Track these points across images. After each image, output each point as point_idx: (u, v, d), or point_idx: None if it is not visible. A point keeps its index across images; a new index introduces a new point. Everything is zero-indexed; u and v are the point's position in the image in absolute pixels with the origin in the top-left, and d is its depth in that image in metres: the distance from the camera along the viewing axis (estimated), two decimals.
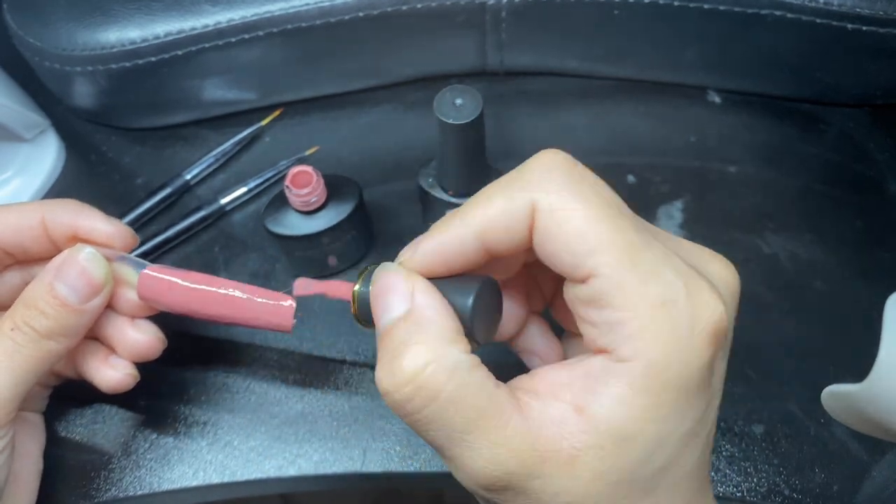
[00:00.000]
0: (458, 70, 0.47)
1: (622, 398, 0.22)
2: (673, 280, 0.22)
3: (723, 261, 0.25)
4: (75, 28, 0.41)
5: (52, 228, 0.32)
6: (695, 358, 0.22)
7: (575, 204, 0.22)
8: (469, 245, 0.24)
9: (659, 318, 0.22)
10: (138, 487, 0.36)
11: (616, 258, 0.22)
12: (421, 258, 0.25)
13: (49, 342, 0.30)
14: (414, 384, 0.23)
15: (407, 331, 0.24)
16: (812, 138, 0.45)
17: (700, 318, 0.22)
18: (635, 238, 0.22)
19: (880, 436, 0.34)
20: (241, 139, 0.45)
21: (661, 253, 0.22)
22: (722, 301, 0.22)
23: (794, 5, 0.40)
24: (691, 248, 0.25)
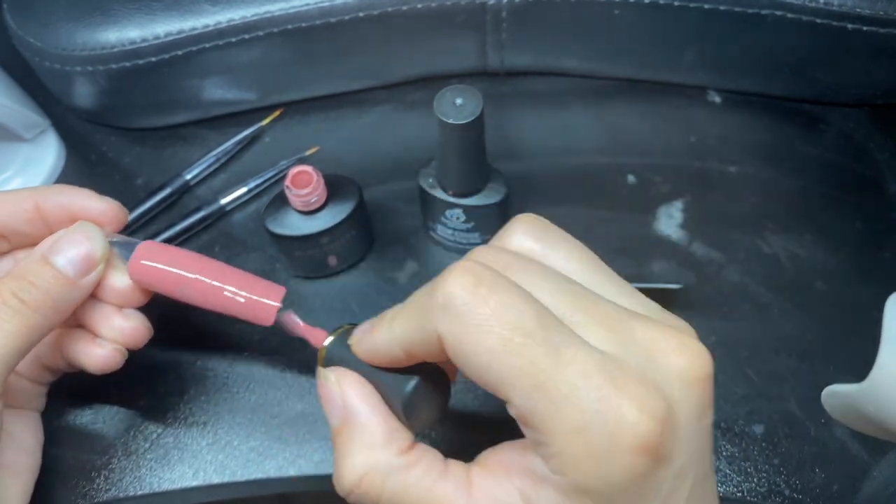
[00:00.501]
0: (458, 70, 0.47)
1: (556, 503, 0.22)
2: (587, 406, 0.21)
3: (680, 349, 0.23)
4: (75, 28, 0.41)
5: (46, 211, 0.33)
6: (620, 476, 0.21)
7: (476, 336, 0.22)
8: (398, 353, 0.25)
9: (575, 443, 0.21)
10: (138, 487, 0.36)
11: (525, 389, 0.22)
12: (366, 350, 0.27)
13: (36, 315, 0.29)
14: (357, 493, 0.25)
15: (342, 442, 0.26)
16: (812, 138, 0.45)
17: (618, 440, 0.21)
18: (544, 364, 0.21)
19: (880, 436, 0.34)
20: (241, 139, 0.45)
21: (576, 373, 0.21)
22: (650, 415, 0.21)
23: (795, 5, 0.39)
24: (646, 336, 0.23)
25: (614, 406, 0.21)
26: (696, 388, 0.23)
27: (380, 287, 0.40)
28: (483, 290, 0.22)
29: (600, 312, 0.23)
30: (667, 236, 0.41)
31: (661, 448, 0.22)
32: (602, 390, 0.21)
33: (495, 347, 0.22)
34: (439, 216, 0.39)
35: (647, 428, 0.21)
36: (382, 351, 0.26)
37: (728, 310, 0.39)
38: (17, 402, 0.34)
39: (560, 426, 0.21)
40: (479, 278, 0.23)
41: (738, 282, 0.40)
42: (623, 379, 0.22)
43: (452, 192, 0.38)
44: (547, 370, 0.22)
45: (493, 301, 0.22)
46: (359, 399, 0.26)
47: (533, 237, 0.26)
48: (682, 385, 0.23)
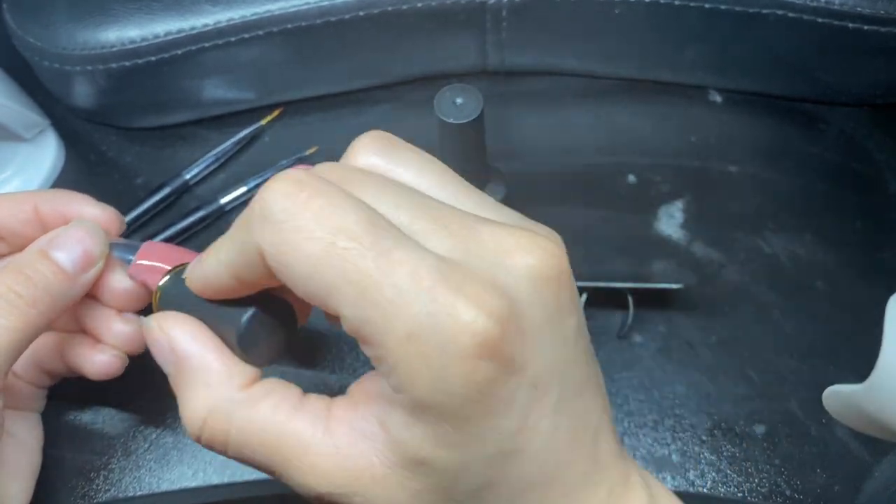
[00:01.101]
0: (458, 70, 0.47)
1: (406, 424, 0.21)
2: (417, 309, 0.19)
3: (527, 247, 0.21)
4: (75, 27, 0.41)
5: (44, 215, 0.32)
6: (460, 385, 0.20)
7: (296, 244, 0.20)
8: (228, 280, 0.24)
9: (408, 353, 0.20)
10: (138, 488, 0.35)
11: (353, 296, 0.20)
12: (197, 281, 0.25)
13: (32, 310, 0.29)
14: (204, 437, 0.24)
15: (180, 388, 0.25)
16: (812, 138, 0.45)
17: (456, 341, 0.19)
18: (372, 268, 0.20)
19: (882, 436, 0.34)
20: (241, 139, 0.45)
21: (405, 277, 0.20)
22: (487, 313, 0.19)
23: (796, 5, 0.39)
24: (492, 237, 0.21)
25: (447, 306, 0.19)
26: (548, 288, 0.21)
27: None
28: (304, 195, 0.20)
29: (444, 218, 0.22)
30: (667, 236, 0.41)
31: (505, 351, 0.20)
32: (434, 291, 0.19)
33: (317, 253, 0.20)
34: None
35: (484, 327, 0.19)
36: (213, 280, 0.24)
37: (728, 310, 0.39)
38: (17, 403, 0.34)
39: (391, 335, 0.20)
40: (300, 184, 0.21)
41: (739, 282, 0.40)
42: (458, 279, 0.20)
43: None
44: (373, 274, 0.20)
45: (314, 205, 0.20)
46: (188, 340, 0.25)
47: (379, 153, 0.24)
48: (532, 285, 0.21)
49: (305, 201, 0.20)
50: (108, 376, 0.32)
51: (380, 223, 0.20)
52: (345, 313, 0.20)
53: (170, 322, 0.25)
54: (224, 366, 0.24)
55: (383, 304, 0.20)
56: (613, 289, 0.38)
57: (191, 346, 0.25)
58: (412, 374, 0.20)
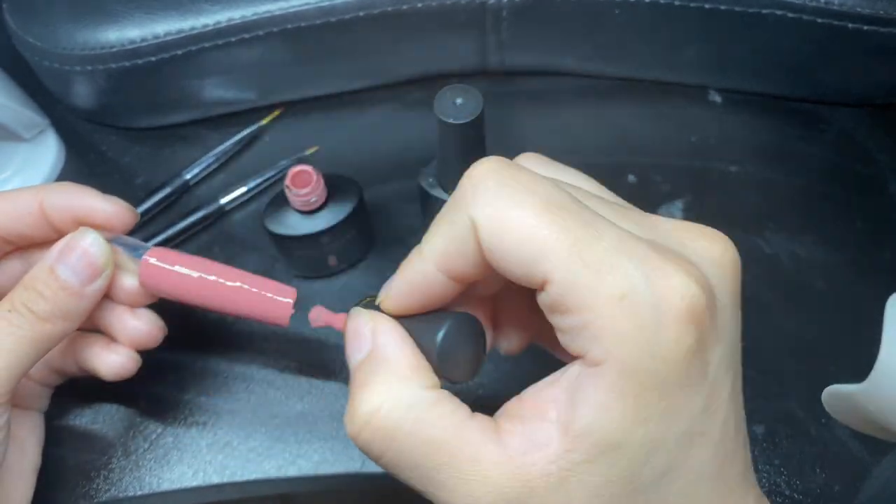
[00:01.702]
0: (458, 70, 0.47)
1: (602, 405, 0.20)
2: (630, 270, 0.20)
3: (711, 236, 0.23)
4: (75, 28, 0.41)
5: (50, 212, 0.32)
6: (670, 349, 0.20)
7: (510, 212, 0.21)
8: (433, 277, 0.24)
9: (620, 314, 0.20)
10: (138, 487, 0.35)
11: (563, 259, 0.20)
12: (394, 297, 0.25)
13: (46, 325, 0.29)
14: (370, 427, 0.23)
15: (365, 372, 0.24)
16: (812, 138, 0.45)
17: (669, 303, 0.20)
18: (582, 233, 0.20)
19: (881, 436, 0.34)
20: (241, 139, 0.45)
21: (614, 242, 0.21)
22: (695, 280, 0.20)
23: (795, 5, 0.39)
24: (672, 227, 0.23)
25: (659, 269, 0.20)
26: (731, 274, 0.22)
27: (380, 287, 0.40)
28: (511, 171, 0.22)
29: (625, 210, 0.23)
30: None
31: (707, 320, 0.20)
32: (645, 255, 0.20)
33: (529, 219, 0.21)
34: None
35: (694, 292, 0.20)
36: (416, 282, 0.24)
37: None
38: (23, 402, 0.34)
39: (602, 295, 0.20)
40: (505, 163, 0.22)
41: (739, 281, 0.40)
42: (665, 251, 0.21)
43: (452, 191, 0.38)
44: (585, 238, 0.20)
45: (524, 177, 0.22)
46: (390, 336, 0.24)
47: (542, 166, 0.25)
48: (717, 269, 0.22)
49: (515, 174, 0.22)
50: (121, 377, 0.33)
51: (578, 201, 0.22)
52: (554, 277, 0.20)
53: (381, 318, 0.25)
54: (416, 364, 0.24)
55: (595, 264, 0.20)
56: None
57: (391, 340, 0.24)
58: (622, 336, 0.20)
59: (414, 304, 0.25)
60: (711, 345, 0.21)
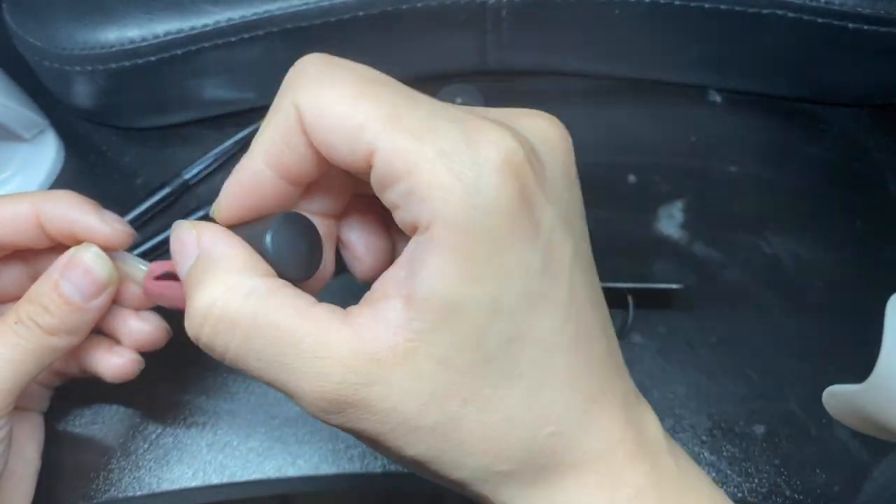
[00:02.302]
0: (458, 69, 0.47)
1: (436, 269, 0.20)
2: (448, 127, 0.21)
3: (540, 115, 0.24)
4: (75, 27, 0.41)
5: (46, 222, 0.31)
6: (492, 200, 0.20)
7: (331, 89, 0.22)
8: (264, 176, 0.23)
9: (440, 171, 0.20)
10: (138, 488, 0.35)
11: (383, 126, 0.21)
12: (226, 204, 0.24)
13: (52, 338, 0.29)
14: (210, 321, 0.22)
15: (196, 274, 0.23)
16: (813, 138, 0.45)
17: (486, 156, 0.20)
18: (400, 101, 0.21)
19: (882, 436, 0.34)
20: (241, 139, 0.45)
21: (432, 108, 0.21)
22: (512, 135, 0.21)
23: (795, 4, 0.39)
24: (501, 111, 0.24)
25: (475, 126, 0.21)
26: (559, 148, 0.23)
27: None
28: (332, 58, 0.23)
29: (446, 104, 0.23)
30: (667, 236, 0.41)
31: (529, 173, 0.21)
32: (461, 118, 0.21)
33: (349, 92, 0.21)
34: None
35: (510, 145, 0.21)
36: (249, 186, 0.24)
37: (728, 310, 0.39)
38: (23, 403, 0.34)
39: (423, 155, 0.20)
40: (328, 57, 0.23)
41: (739, 282, 0.40)
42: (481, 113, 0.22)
43: None
44: (404, 105, 0.21)
45: (341, 62, 0.23)
46: (217, 236, 0.24)
47: None
48: (545, 144, 0.23)
49: (334, 60, 0.23)
50: (124, 379, 0.32)
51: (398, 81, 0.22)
52: (377, 146, 0.21)
53: (204, 224, 0.24)
54: (249, 256, 0.23)
55: (415, 128, 0.21)
56: (613, 289, 0.38)
57: (218, 239, 0.24)
58: (445, 192, 0.20)
59: (247, 209, 0.24)
60: (539, 203, 0.21)
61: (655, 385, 0.37)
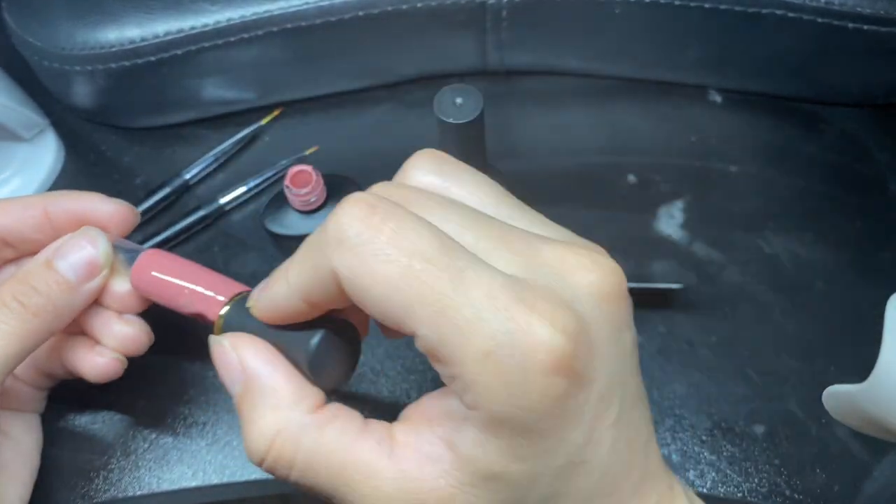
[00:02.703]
0: (458, 70, 0.47)
1: (479, 442, 0.21)
2: (496, 328, 0.20)
3: (590, 265, 0.22)
4: (74, 27, 0.41)
5: (54, 217, 0.32)
6: (538, 401, 0.20)
7: (373, 266, 0.21)
8: (298, 303, 0.24)
9: (486, 370, 0.20)
10: (137, 488, 0.35)
11: (429, 319, 0.20)
12: (264, 307, 0.25)
13: (36, 320, 0.29)
14: (268, 460, 0.24)
15: (246, 408, 0.24)
16: (813, 138, 0.45)
17: (533, 359, 0.20)
18: (448, 289, 0.20)
19: (882, 436, 0.34)
20: (241, 139, 0.45)
21: (482, 296, 0.20)
22: (562, 330, 0.20)
23: (795, 4, 0.39)
24: (553, 255, 0.22)
25: (523, 324, 0.20)
26: (610, 305, 0.22)
27: None
28: (377, 219, 0.21)
29: (507, 237, 0.22)
30: (667, 236, 0.41)
31: (578, 366, 0.21)
32: (510, 310, 0.20)
33: (393, 276, 0.20)
34: None
35: (559, 344, 0.20)
36: (282, 305, 0.24)
37: (728, 310, 0.39)
38: (17, 404, 0.34)
39: (469, 353, 0.20)
40: (373, 207, 0.21)
41: (739, 282, 0.40)
42: (531, 297, 0.21)
43: None
44: (450, 294, 0.20)
45: (387, 229, 0.21)
46: (259, 360, 0.25)
47: (434, 172, 0.25)
48: (595, 302, 0.22)
49: (379, 224, 0.21)
50: (106, 378, 0.32)
51: (450, 244, 0.21)
52: (421, 333, 0.21)
53: (242, 342, 0.25)
54: (294, 388, 0.24)
55: (461, 324, 0.20)
56: None
57: (262, 366, 0.25)
58: (490, 391, 0.20)
59: (283, 318, 0.25)
60: (585, 387, 0.21)
61: (655, 385, 0.37)
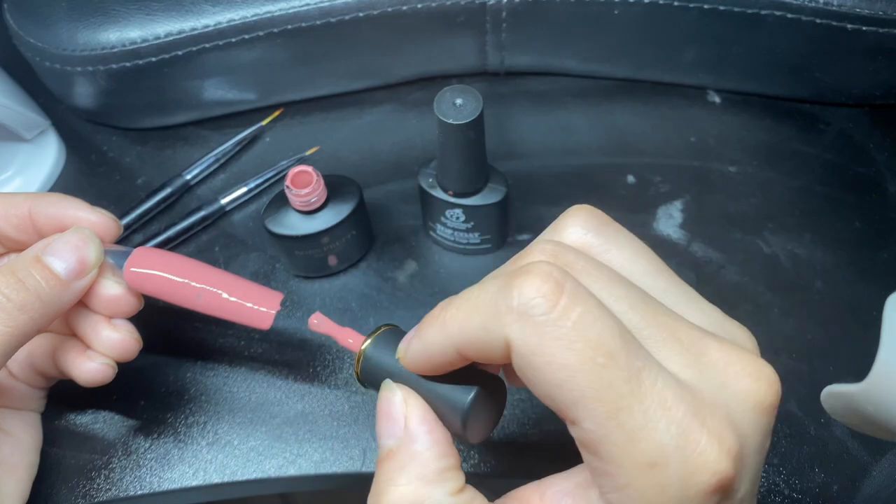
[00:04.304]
0: (458, 70, 0.47)
1: None
2: (664, 441, 0.20)
3: (757, 374, 0.22)
4: (75, 28, 0.41)
5: (38, 219, 0.32)
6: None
7: (556, 349, 0.20)
8: (453, 357, 0.23)
9: (646, 480, 0.20)
10: (138, 487, 0.36)
11: (600, 414, 0.20)
12: (413, 357, 0.24)
13: (22, 315, 0.28)
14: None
15: (391, 467, 0.24)
16: (812, 138, 0.45)
17: (695, 479, 0.20)
18: (625, 390, 0.20)
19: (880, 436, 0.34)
20: (242, 139, 0.45)
21: (654, 404, 0.20)
22: (727, 453, 0.20)
23: (794, 5, 0.40)
24: (720, 356, 0.22)
25: (694, 442, 0.20)
26: (765, 417, 0.22)
27: (380, 287, 0.40)
28: (564, 299, 0.20)
29: (673, 328, 0.22)
30: (667, 236, 0.41)
31: (735, 485, 0.21)
32: (682, 424, 0.20)
33: (574, 365, 0.20)
34: (439, 216, 0.39)
35: (725, 468, 0.20)
36: (435, 354, 0.23)
37: (728, 310, 0.39)
38: (15, 403, 0.34)
39: (633, 458, 0.20)
40: (560, 285, 0.20)
41: (738, 282, 0.40)
42: (703, 412, 0.20)
43: (452, 192, 0.38)
44: (626, 396, 0.20)
45: (575, 314, 0.20)
46: (424, 426, 0.24)
47: (593, 231, 0.24)
48: (754, 413, 0.22)
49: (566, 307, 0.20)
50: (97, 384, 0.32)
51: (630, 339, 0.20)
52: (587, 426, 0.20)
53: (414, 401, 0.25)
54: (444, 467, 0.24)
55: (631, 429, 0.20)
56: None
57: (424, 434, 0.24)
58: (644, 499, 0.20)
59: (427, 369, 0.25)
60: (733, 496, 0.21)
61: None
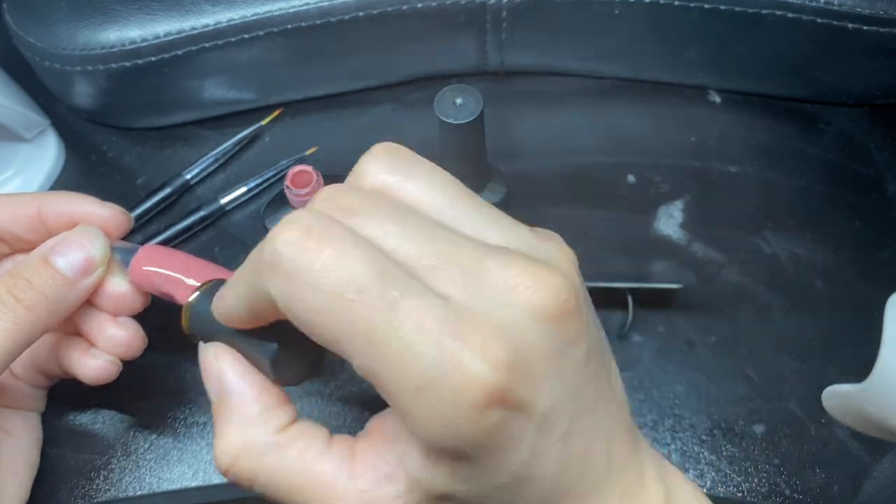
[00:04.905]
0: (458, 70, 0.47)
1: (423, 466, 0.22)
2: (425, 363, 0.20)
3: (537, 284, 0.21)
4: (75, 28, 0.41)
5: (47, 217, 0.32)
6: (470, 433, 0.20)
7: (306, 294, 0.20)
8: (247, 316, 0.24)
9: (418, 404, 0.20)
10: (138, 487, 0.36)
11: (361, 348, 0.20)
12: (220, 315, 0.25)
13: (30, 315, 0.29)
14: (231, 472, 0.24)
15: (219, 421, 0.25)
16: (812, 138, 0.45)
17: (464, 395, 0.20)
18: (378, 319, 0.20)
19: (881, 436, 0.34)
20: (241, 139, 0.45)
21: (411, 330, 0.20)
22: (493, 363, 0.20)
23: (795, 5, 0.39)
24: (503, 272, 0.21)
25: (455, 359, 0.20)
26: (552, 325, 0.21)
27: None
28: (312, 243, 0.20)
29: (452, 252, 0.21)
30: (667, 236, 0.41)
31: (512, 396, 0.20)
32: (441, 344, 0.20)
33: (325, 306, 0.20)
34: None
35: (490, 379, 0.20)
36: (234, 314, 0.24)
37: (728, 310, 0.39)
38: (16, 402, 0.34)
39: (400, 385, 0.20)
40: (309, 230, 0.21)
41: (738, 282, 0.40)
42: (465, 328, 0.20)
43: None
44: (381, 326, 0.20)
45: (323, 255, 0.20)
46: (235, 375, 0.25)
47: (388, 170, 0.24)
48: (536, 324, 0.21)
49: (314, 250, 0.20)
50: (101, 381, 0.32)
51: (387, 270, 0.20)
52: (357, 363, 0.21)
53: (224, 355, 0.26)
54: (263, 407, 0.25)
55: (391, 357, 0.20)
56: (613, 289, 0.38)
57: (236, 382, 0.25)
58: (424, 423, 0.20)
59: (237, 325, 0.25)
60: (527, 410, 0.21)
61: (655, 385, 0.37)
